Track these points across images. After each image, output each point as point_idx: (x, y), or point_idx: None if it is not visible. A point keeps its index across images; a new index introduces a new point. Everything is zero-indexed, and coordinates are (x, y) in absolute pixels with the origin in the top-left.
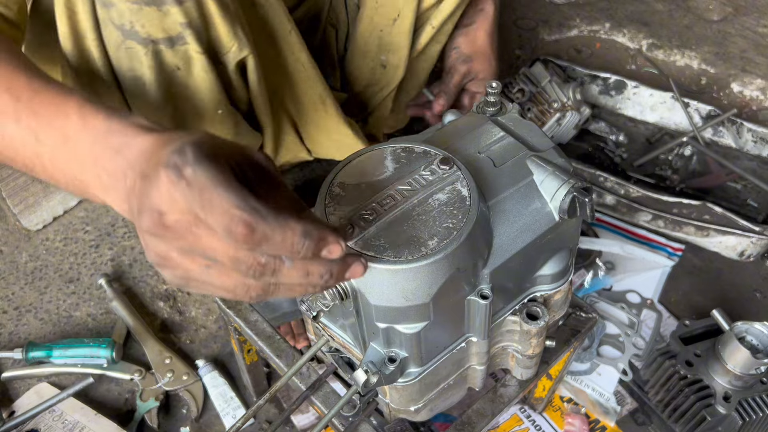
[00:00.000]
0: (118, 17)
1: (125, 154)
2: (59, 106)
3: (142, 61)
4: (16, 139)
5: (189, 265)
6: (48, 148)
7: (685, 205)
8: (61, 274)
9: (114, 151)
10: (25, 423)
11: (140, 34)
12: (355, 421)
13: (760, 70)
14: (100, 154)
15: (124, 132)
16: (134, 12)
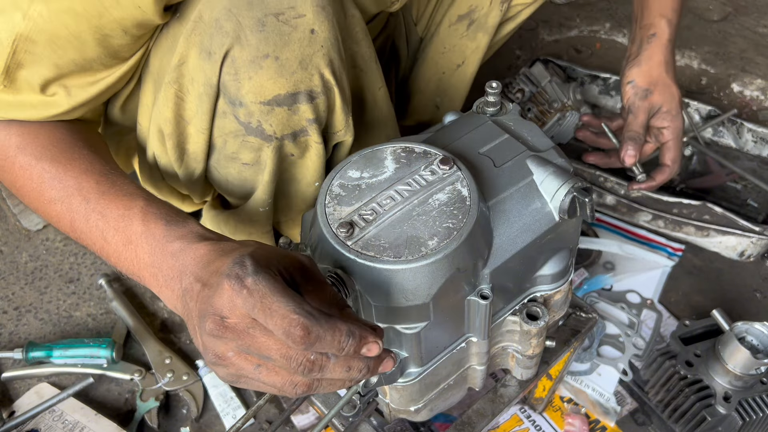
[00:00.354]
0: (246, 115)
1: (181, 258)
2: (124, 210)
3: (260, 154)
4: (86, 235)
5: (242, 364)
6: (113, 247)
7: (685, 205)
8: (61, 274)
9: (171, 255)
10: (25, 423)
11: (266, 131)
12: (355, 421)
13: (760, 70)
14: (159, 257)
15: (182, 239)
16: (264, 113)
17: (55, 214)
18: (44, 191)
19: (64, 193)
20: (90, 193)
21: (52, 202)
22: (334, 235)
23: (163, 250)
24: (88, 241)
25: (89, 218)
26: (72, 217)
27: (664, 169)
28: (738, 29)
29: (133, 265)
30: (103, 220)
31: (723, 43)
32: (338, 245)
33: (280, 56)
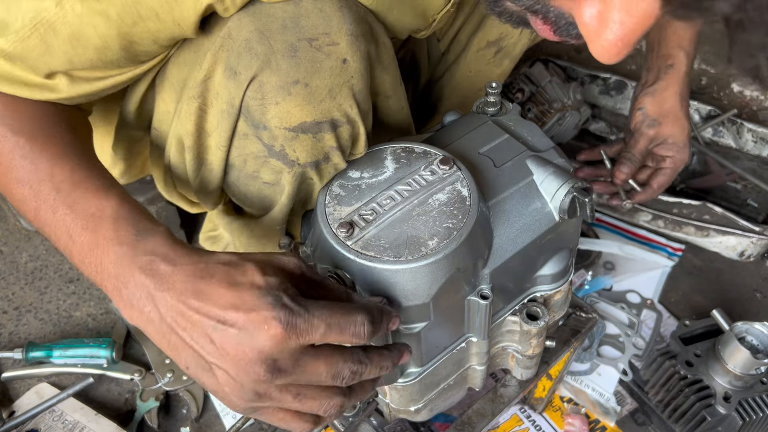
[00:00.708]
0: (269, 139)
1: (156, 278)
2: (96, 210)
3: (281, 177)
4: (51, 228)
5: (284, 398)
6: (78, 247)
7: (685, 205)
8: (61, 274)
9: (140, 271)
10: (25, 423)
11: (289, 157)
12: (355, 421)
13: None
14: (126, 270)
15: (152, 254)
16: (289, 138)
17: (21, 196)
18: (13, 169)
19: (34, 176)
20: (63, 182)
21: (19, 182)
22: (334, 235)
23: (130, 263)
24: (51, 234)
25: (57, 210)
26: (38, 205)
27: (646, 189)
28: None
29: (96, 272)
30: (72, 216)
31: (723, 43)
32: (338, 245)
33: (310, 83)
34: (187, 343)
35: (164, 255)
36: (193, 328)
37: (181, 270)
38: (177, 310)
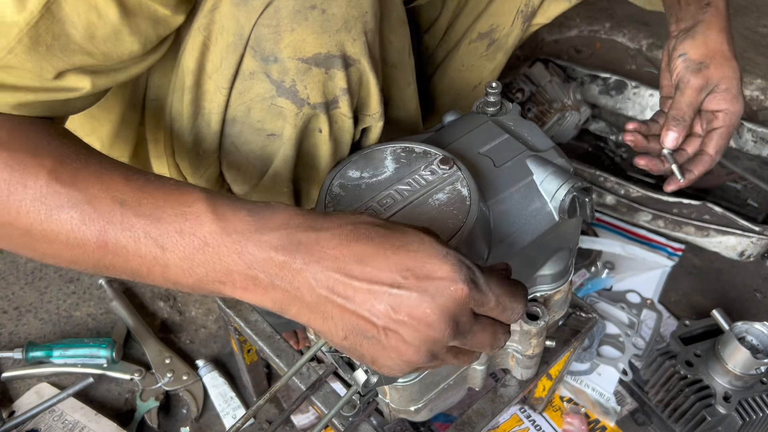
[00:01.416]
0: (279, 73)
1: (301, 254)
2: (183, 207)
3: (287, 120)
4: (128, 249)
5: (448, 358)
6: (178, 255)
7: (685, 205)
8: (61, 274)
9: (275, 249)
10: (25, 423)
11: (299, 94)
12: (355, 421)
13: (760, 70)
14: (256, 256)
15: (284, 228)
16: (301, 71)
17: (69, 227)
18: (48, 197)
19: (81, 196)
20: (124, 193)
21: (61, 209)
22: None
23: (259, 246)
24: (130, 256)
25: (131, 224)
26: (101, 227)
27: (704, 158)
28: (738, 29)
29: (212, 273)
30: (155, 224)
31: None
32: None
33: (327, 10)
34: (350, 312)
35: (297, 225)
36: (357, 295)
37: (328, 236)
38: (334, 279)
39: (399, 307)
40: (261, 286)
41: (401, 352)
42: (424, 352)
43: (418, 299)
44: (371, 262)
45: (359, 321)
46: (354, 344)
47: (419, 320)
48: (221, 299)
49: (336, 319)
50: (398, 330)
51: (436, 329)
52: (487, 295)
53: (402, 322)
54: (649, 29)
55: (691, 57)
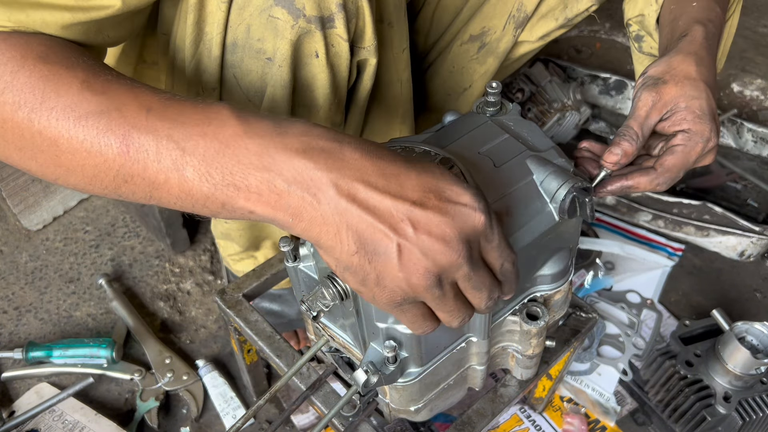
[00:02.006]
0: None
1: (323, 159)
2: (208, 113)
3: (284, 36)
4: (149, 153)
5: (448, 291)
6: (197, 158)
7: (685, 205)
8: (61, 274)
9: (296, 152)
10: (25, 423)
11: (296, 3)
12: (355, 421)
13: (760, 70)
14: (277, 159)
15: (306, 135)
16: None
17: (95, 131)
18: (78, 105)
19: (110, 103)
20: (151, 102)
21: (89, 115)
22: None
23: (281, 149)
24: (150, 161)
25: (156, 128)
26: (126, 131)
27: (647, 171)
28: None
29: (228, 176)
30: (180, 128)
31: None
32: None
33: None
34: (367, 224)
35: (319, 134)
36: (379, 207)
37: (351, 148)
38: (356, 188)
39: (419, 223)
40: (276, 192)
41: (411, 270)
42: (432, 274)
43: (439, 218)
44: (395, 178)
45: (375, 234)
46: (363, 261)
47: (438, 238)
48: (221, 300)
49: (350, 231)
50: (415, 246)
51: (452, 249)
52: (494, 230)
53: (420, 239)
54: None
55: (649, 74)
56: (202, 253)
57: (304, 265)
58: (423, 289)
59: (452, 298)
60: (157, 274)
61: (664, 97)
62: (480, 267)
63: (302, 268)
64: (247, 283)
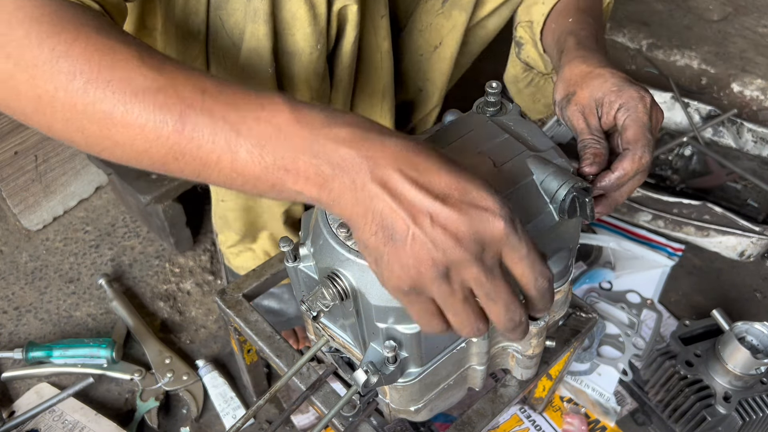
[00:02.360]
0: None
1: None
2: (258, 101)
3: None
4: (204, 133)
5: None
6: (251, 142)
7: (685, 205)
8: (61, 274)
9: (342, 142)
10: (25, 423)
11: None
12: (355, 421)
13: (760, 70)
14: (324, 146)
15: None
16: None
17: (152, 107)
18: (134, 80)
19: (166, 81)
20: (204, 84)
21: (146, 91)
22: (334, 235)
23: (329, 138)
24: (205, 141)
25: (211, 109)
26: (182, 110)
27: (624, 154)
28: (738, 29)
29: (280, 159)
30: (236, 111)
31: (723, 43)
32: (338, 245)
33: None
34: (391, 209)
35: (365, 126)
36: (405, 196)
37: (393, 141)
38: (389, 175)
39: (437, 217)
40: (322, 177)
41: (420, 259)
42: (440, 266)
43: (456, 216)
44: (426, 173)
45: (395, 220)
46: (379, 242)
47: (450, 234)
48: (221, 300)
49: (376, 213)
50: (427, 237)
51: (462, 247)
52: (521, 241)
53: (434, 231)
54: (649, 29)
55: (560, 98)
56: (202, 253)
57: (304, 265)
58: (429, 280)
59: (461, 299)
60: (157, 274)
61: (583, 101)
62: (497, 276)
63: (302, 268)
64: (247, 283)
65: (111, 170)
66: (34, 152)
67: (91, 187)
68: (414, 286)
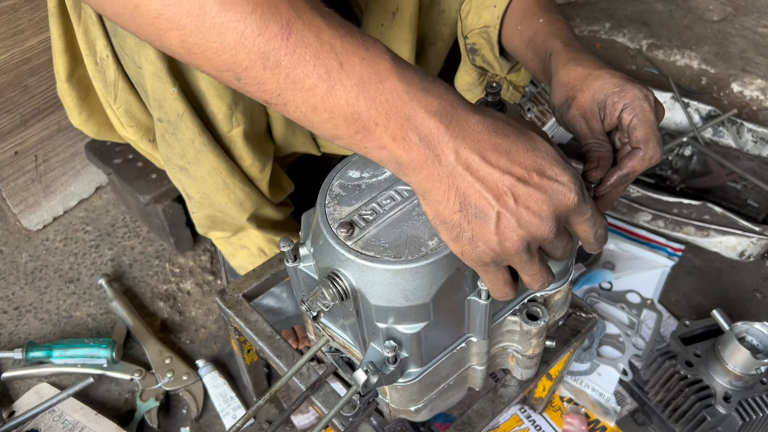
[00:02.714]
0: None
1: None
2: (362, 40)
3: None
4: (306, 51)
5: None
6: (352, 80)
7: (685, 205)
8: (61, 274)
9: (432, 113)
10: (25, 423)
11: None
12: (355, 421)
13: (760, 70)
14: (417, 112)
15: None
16: None
17: (254, 28)
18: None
19: (280, 16)
20: (315, 2)
21: (252, 13)
22: (334, 235)
23: (422, 105)
24: (300, 59)
25: (319, 28)
26: (290, 18)
27: (633, 152)
28: (738, 29)
29: (373, 109)
30: (341, 42)
31: (723, 43)
32: (338, 245)
33: None
34: (475, 190)
35: (454, 100)
36: (488, 178)
37: (476, 120)
38: (472, 158)
39: (520, 197)
40: (408, 141)
41: (506, 236)
42: (525, 241)
43: (538, 195)
44: (506, 154)
45: (480, 200)
46: (462, 220)
47: (534, 213)
48: (221, 300)
49: (459, 192)
50: (513, 216)
51: (546, 224)
52: (587, 206)
53: (519, 211)
54: (649, 29)
55: (558, 103)
56: (202, 253)
57: (304, 265)
58: (513, 253)
59: (537, 262)
60: (157, 274)
61: (584, 105)
62: (563, 234)
63: (302, 268)
64: (247, 283)
65: (111, 170)
66: (34, 152)
67: (91, 187)
68: (496, 260)
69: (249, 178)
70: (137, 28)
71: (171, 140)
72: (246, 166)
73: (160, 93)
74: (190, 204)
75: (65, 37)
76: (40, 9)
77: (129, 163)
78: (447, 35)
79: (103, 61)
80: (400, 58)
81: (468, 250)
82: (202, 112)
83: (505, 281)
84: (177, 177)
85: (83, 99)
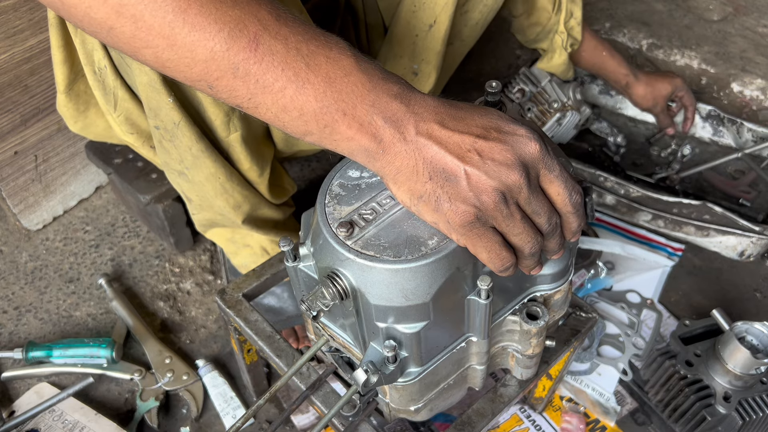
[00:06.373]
0: None
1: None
2: (325, 40)
3: None
4: (274, 57)
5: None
6: (320, 78)
7: (685, 205)
8: (61, 274)
9: (392, 96)
10: (25, 423)
11: None
12: (355, 421)
13: (760, 70)
14: (381, 97)
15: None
16: None
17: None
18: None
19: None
20: (278, 10)
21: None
22: (333, 234)
23: (383, 91)
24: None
25: (285, 36)
26: (258, 30)
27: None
28: (738, 29)
29: (341, 101)
30: (306, 45)
31: (723, 43)
32: (338, 245)
33: None
34: (439, 156)
35: (410, 87)
36: (450, 142)
37: (432, 99)
38: (433, 128)
39: (483, 152)
40: (374, 126)
41: (480, 189)
42: (499, 191)
43: (500, 146)
44: (463, 120)
45: (446, 163)
46: (435, 186)
47: (500, 162)
48: (221, 300)
49: (426, 162)
50: (481, 170)
51: (514, 170)
52: (554, 161)
53: (485, 164)
54: (649, 29)
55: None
56: (202, 253)
57: (304, 264)
58: (492, 206)
59: (519, 219)
60: (157, 274)
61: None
62: (538, 193)
63: (302, 268)
64: (247, 282)
65: (111, 170)
66: (34, 152)
67: (91, 186)
68: (479, 216)
69: (248, 181)
70: (115, 45)
71: (169, 147)
72: (245, 169)
73: (156, 103)
74: (190, 206)
75: (65, 48)
76: (39, 9)
77: (129, 162)
78: (466, 35)
79: (101, 71)
80: (361, 54)
81: (451, 215)
82: (200, 119)
83: (500, 244)
84: (176, 181)
85: (81, 112)
